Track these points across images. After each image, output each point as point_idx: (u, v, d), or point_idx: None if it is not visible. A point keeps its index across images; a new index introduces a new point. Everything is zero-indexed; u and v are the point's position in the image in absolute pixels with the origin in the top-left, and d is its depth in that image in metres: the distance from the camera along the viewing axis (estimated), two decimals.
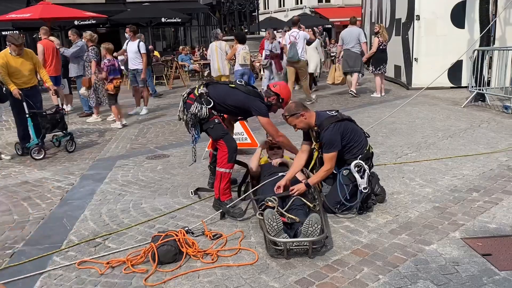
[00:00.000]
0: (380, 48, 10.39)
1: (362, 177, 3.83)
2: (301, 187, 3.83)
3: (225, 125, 4.37)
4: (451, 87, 10.83)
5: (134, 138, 7.61)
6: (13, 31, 18.98)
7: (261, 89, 12.91)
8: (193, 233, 3.62)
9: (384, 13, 13.59)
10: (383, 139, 6.54)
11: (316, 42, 11.68)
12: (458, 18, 10.59)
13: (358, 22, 11.75)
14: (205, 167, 5.13)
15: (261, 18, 27.84)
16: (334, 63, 13.76)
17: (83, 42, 9.35)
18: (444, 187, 4.49)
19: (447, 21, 10.66)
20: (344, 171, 3.90)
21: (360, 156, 3.92)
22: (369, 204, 3.96)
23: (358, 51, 10.65)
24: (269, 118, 4.19)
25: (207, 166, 4.89)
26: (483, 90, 8.93)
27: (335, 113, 4.00)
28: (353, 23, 10.94)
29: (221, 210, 3.99)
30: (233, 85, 4.30)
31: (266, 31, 12.72)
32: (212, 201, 4.31)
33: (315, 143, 4.10)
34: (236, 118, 4.73)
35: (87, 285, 2.99)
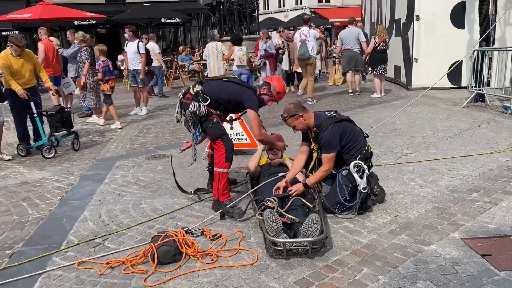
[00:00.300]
0: (377, 48, 10.40)
1: (361, 177, 3.83)
2: (299, 187, 3.83)
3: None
4: (451, 88, 10.83)
5: (134, 138, 7.61)
6: (13, 31, 19.00)
7: None
8: (192, 234, 3.62)
9: (384, 14, 13.59)
10: (383, 140, 6.54)
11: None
12: (458, 18, 10.59)
13: (358, 22, 11.75)
14: (204, 167, 5.13)
15: (261, 18, 27.88)
16: (335, 64, 13.80)
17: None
18: (443, 188, 4.49)
19: (447, 22, 10.66)
20: (343, 172, 3.90)
21: (359, 156, 3.92)
22: (369, 204, 3.96)
23: (357, 50, 10.77)
24: (258, 114, 4.14)
25: (206, 167, 4.89)
26: (483, 90, 8.93)
27: (333, 113, 4.01)
28: (351, 23, 11.04)
29: (220, 210, 3.99)
30: (226, 79, 4.38)
31: (260, 32, 12.68)
32: (212, 202, 4.32)
33: (314, 144, 4.10)
34: (230, 115, 4.74)
35: (86, 286, 2.99)
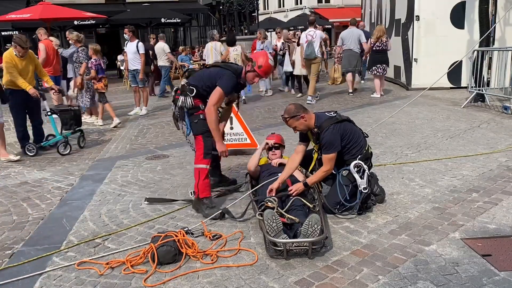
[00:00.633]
0: (373, 49, 10.49)
1: (361, 178, 3.83)
2: (299, 187, 3.83)
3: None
4: (451, 88, 10.83)
5: (133, 138, 7.61)
6: (13, 31, 18.99)
7: (259, 91, 12.88)
8: (192, 234, 3.62)
9: (383, 14, 13.60)
10: (383, 140, 6.54)
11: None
12: (457, 18, 10.59)
13: (359, 22, 11.77)
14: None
15: (261, 18, 27.87)
16: (334, 64, 13.79)
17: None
18: (443, 188, 4.49)
19: (447, 22, 10.66)
20: (343, 172, 3.90)
21: (359, 156, 3.92)
22: (369, 204, 3.96)
23: (358, 51, 10.87)
24: (225, 93, 4.07)
25: None
26: (482, 90, 8.94)
27: (334, 114, 4.01)
28: (353, 24, 11.16)
29: (221, 211, 3.99)
30: (210, 65, 4.41)
31: (257, 32, 12.63)
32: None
33: (315, 144, 4.10)
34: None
35: (86, 286, 2.98)
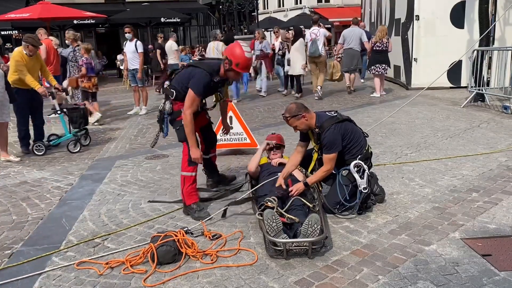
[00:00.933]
0: (374, 49, 10.56)
1: (361, 177, 3.83)
2: (300, 187, 3.82)
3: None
4: (451, 87, 10.83)
5: (133, 138, 7.60)
6: (13, 31, 18.96)
7: (257, 90, 12.80)
8: (192, 234, 3.62)
9: (383, 13, 13.59)
10: (383, 139, 6.53)
11: (299, 42, 10.74)
12: (457, 18, 10.58)
13: (360, 23, 11.81)
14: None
15: (261, 18, 27.81)
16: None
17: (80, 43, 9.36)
18: (443, 187, 4.48)
19: (447, 21, 10.65)
20: (343, 172, 3.90)
21: (359, 156, 3.92)
22: (369, 204, 3.95)
23: (358, 50, 11.00)
24: (198, 95, 3.86)
25: (201, 170, 4.82)
26: (482, 90, 8.93)
27: (334, 113, 4.00)
28: (355, 23, 11.28)
29: (224, 208, 3.97)
30: (187, 64, 4.27)
31: (255, 32, 12.60)
32: (213, 202, 4.34)
33: (315, 144, 4.09)
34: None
35: (86, 286, 2.98)
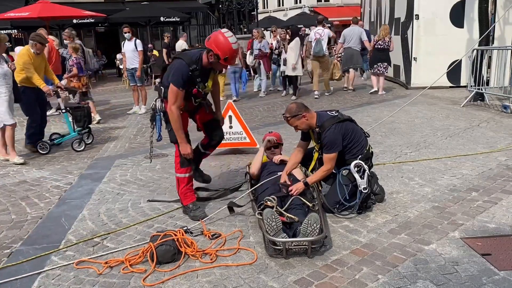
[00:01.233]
0: (376, 47, 10.65)
1: (362, 177, 3.82)
2: (299, 186, 3.82)
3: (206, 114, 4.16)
4: (450, 87, 10.83)
5: (132, 137, 7.60)
6: (12, 30, 18.92)
7: (255, 91, 12.73)
8: (192, 233, 3.61)
9: (383, 13, 13.59)
10: (382, 139, 6.53)
11: (295, 41, 10.57)
12: (457, 17, 10.58)
13: (359, 22, 11.90)
14: (203, 167, 5.10)
15: (260, 17, 27.81)
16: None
17: (79, 42, 9.36)
18: (443, 187, 4.48)
19: (446, 21, 10.65)
20: (343, 171, 3.89)
21: (360, 156, 3.91)
22: (369, 204, 3.95)
23: (358, 49, 11.14)
24: (179, 88, 3.68)
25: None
26: (482, 89, 8.93)
27: (335, 113, 3.99)
28: (355, 22, 11.41)
29: (226, 206, 3.96)
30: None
31: (253, 31, 12.59)
32: (213, 201, 4.35)
33: (316, 144, 4.09)
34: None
35: (85, 285, 2.98)
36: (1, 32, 6.06)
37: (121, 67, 14.19)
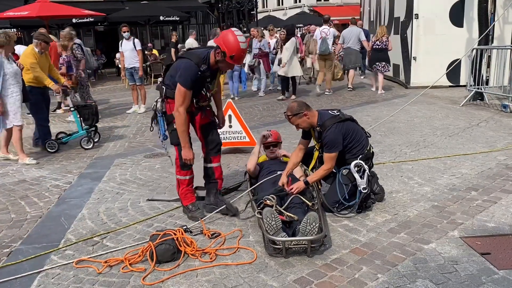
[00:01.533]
0: (374, 47, 10.80)
1: (361, 177, 3.82)
2: (300, 185, 3.82)
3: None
4: (450, 86, 10.83)
5: (132, 136, 7.59)
6: (11, 29, 18.86)
7: (253, 91, 12.73)
8: (191, 232, 3.61)
9: (382, 12, 13.59)
10: (382, 138, 6.53)
11: (290, 41, 10.40)
12: (456, 17, 10.59)
13: (358, 21, 12.03)
14: (200, 168, 5.10)
15: (260, 16, 27.79)
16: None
17: (80, 41, 9.34)
18: (442, 186, 4.48)
19: (446, 20, 10.65)
20: (343, 171, 3.89)
21: (360, 156, 3.91)
22: (368, 203, 3.95)
23: (357, 49, 11.30)
24: (188, 89, 3.60)
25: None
26: (481, 89, 8.93)
27: (337, 112, 3.99)
28: (353, 23, 11.71)
29: (225, 206, 3.94)
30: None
31: (251, 30, 12.56)
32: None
33: (316, 143, 4.09)
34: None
35: (85, 284, 2.98)
36: (10, 30, 6.02)
37: (120, 66, 14.16)
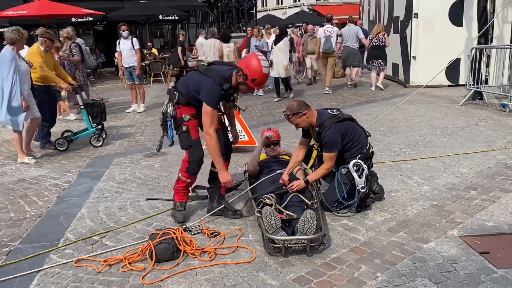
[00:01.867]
0: (372, 45, 11.05)
1: (360, 177, 3.82)
2: (300, 183, 3.83)
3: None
4: (449, 85, 10.83)
5: (131, 135, 7.59)
6: (13, 26, 18.81)
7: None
8: (190, 231, 3.62)
9: (382, 11, 13.59)
10: (381, 137, 6.54)
11: (283, 42, 10.40)
12: (456, 16, 10.59)
13: (356, 20, 12.11)
14: (204, 165, 5.09)
15: (259, 15, 27.78)
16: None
17: (81, 40, 9.35)
18: (442, 185, 4.49)
19: (445, 19, 10.65)
20: (342, 170, 3.89)
21: (359, 155, 3.90)
22: (368, 203, 3.96)
23: (356, 47, 11.51)
24: (213, 109, 3.62)
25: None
26: (480, 88, 8.94)
27: (336, 112, 3.99)
28: (351, 21, 11.83)
29: (223, 206, 3.95)
30: (196, 69, 3.98)
31: (248, 29, 12.59)
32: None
33: (316, 142, 4.09)
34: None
35: (84, 283, 2.98)
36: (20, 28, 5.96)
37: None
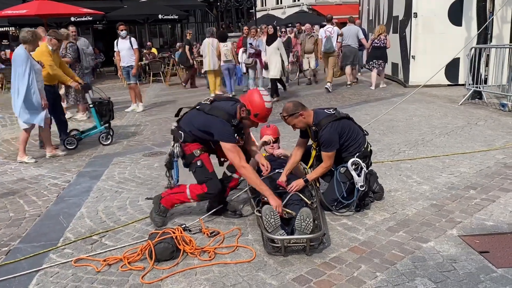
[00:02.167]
0: (373, 45, 11.12)
1: (359, 175, 3.82)
2: (300, 183, 3.83)
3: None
4: (448, 85, 10.83)
5: (131, 135, 7.58)
6: (9, 28, 18.83)
7: (247, 89, 12.68)
8: (190, 231, 3.62)
9: (381, 11, 13.59)
10: (380, 137, 6.54)
11: (277, 42, 10.29)
12: (455, 15, 10.59)
13: (356, 20, 12.17)
14: None
15: (259, 15, 27.77)
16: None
17: (84, 41, 9.34)
18: (441, 185, 4.49)
19: (445, 19, 10.65)
20: (341, 169, 3.89)
21: (357, 154, 3.90)
22: (367, 202, 3.96)
23: (356, 47, 11.67)
24: (234, 144, 3.59)
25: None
26: (480, 88, 8.94)
27: (333, 111, 3.98)
28: (351, 21, 12.01)
29: (221, 206, 3.95)
30: (198, 107, 3.81)
31: (244, 28, 12.58)
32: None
33: (313, 142, 4.09)
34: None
35: (83, 283, 2.98)
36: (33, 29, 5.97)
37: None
